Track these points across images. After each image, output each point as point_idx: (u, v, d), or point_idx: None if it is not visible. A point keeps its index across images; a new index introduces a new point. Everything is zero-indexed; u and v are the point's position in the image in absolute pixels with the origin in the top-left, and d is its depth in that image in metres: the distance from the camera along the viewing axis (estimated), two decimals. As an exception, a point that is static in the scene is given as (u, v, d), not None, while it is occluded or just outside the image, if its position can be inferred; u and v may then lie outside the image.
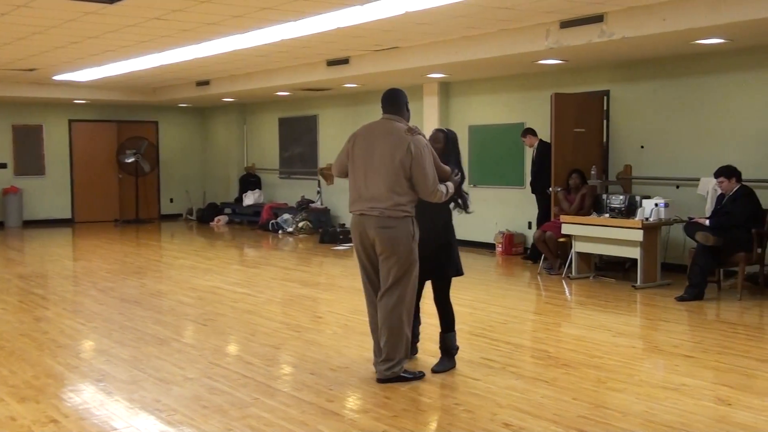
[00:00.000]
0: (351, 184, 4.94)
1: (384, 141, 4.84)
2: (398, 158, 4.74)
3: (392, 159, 4.76)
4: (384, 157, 4.78)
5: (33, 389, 4.85)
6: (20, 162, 16.36)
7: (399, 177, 4.75)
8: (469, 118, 11.99)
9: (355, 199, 4.90)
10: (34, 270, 10.48)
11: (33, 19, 7.73)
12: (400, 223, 4.78)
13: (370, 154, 4.84)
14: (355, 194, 4.89)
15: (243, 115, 17.42)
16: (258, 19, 7.77)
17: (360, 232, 4.88)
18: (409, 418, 4.29)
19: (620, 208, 8.60)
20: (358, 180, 4.88)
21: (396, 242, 4.77)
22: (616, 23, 7.51)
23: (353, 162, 4.92)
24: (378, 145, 4.84)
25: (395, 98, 5.07)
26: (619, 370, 5.20)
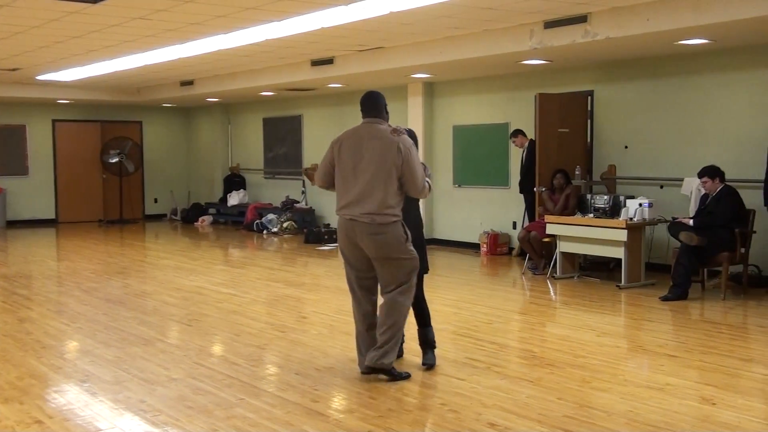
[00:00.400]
0: (339, 188, 4.93)
1: (372, 145, 4.85)
2: (390, 160, 4.79)
3: (383, 161, 4.79)
4: (374, 160, 4.81)
5: (17, 390, 4.82)
6: (3, 162, 16.24)
7: (391, 178, 4.79)
8: (453, 118, 12.02)
9: (344, 204, 4.90)
10: (17, 270, 10.40)
11: (15, 19, 7.67)
12: (391, 228, 4.81)
13: (358, 158, 4.85)
14: (344, 199, 4.90)
15: (227, 115, 17.37)
16: (242, 19, 7.75)
17: (348, 235, 4.89)
18: (395, 418, 4.29)
19: (604, 208, 8.64)
20: (348, 184, 4.88)
21: (389, 248, 4.82)
22: (600, 23, 7.55)
23: (340, 167, 4.92)
24: (366, 149, 4.85)
25: (375, 101, 5.09)
26: (603, 370, 5.23)
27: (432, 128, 12.31)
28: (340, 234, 4.96)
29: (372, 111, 5.05)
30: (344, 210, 4.90)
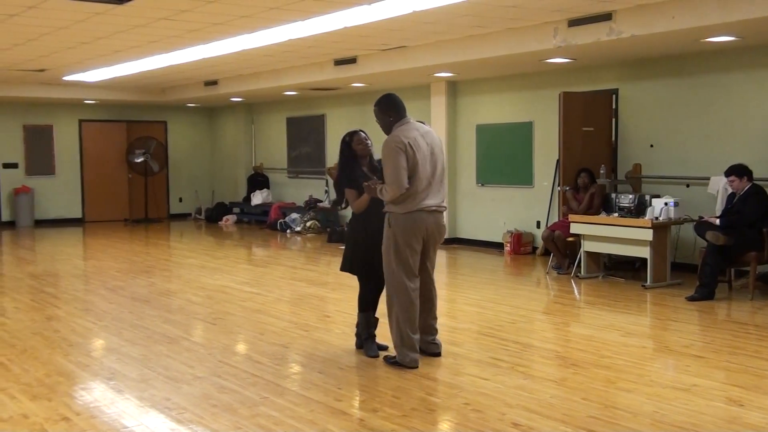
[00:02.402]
0: (419, 183, 5.18)
1: (428, 140, 5.28)
2: (441, 154, 5.36)
3: (440, 156, 5.34)
4: (435, 154, 5.29)
5: (45, 387, 4.88)
6: (31, 162, 16.45)
7: (443, 171, 5.39)
8: (476, 117, 11.98)
9: (427, 196, 5.23)
10: (45, 269, 10.54)
11: (43, 20, 7.77)
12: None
13: (427, 153, 5.23)
14: (425, 192, 5.22)
15: (251, 114, 17.45)
16: (265, 19, 7.78)
17: (428, 227, 5.27)
18: (418, 417, 4.29)
19: (629, 207, 8.57)
20: (428, 178, 5.23)
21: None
22: (625, 21, 7.49)
23: (418, 165, 5.17)
24: (430, 146, 5.27)
25: (402, 102, 5.44)
26: (628, 370, 5.19)
27: (455, 127, 12.28)
28: (419, 227, 5.22)
29: (405, 111, 5.37)
30: (429, 201, 5.23)
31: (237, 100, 16.25)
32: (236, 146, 17.69)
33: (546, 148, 10.81)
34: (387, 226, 5.25)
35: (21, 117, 16.29)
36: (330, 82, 12.03)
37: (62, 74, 12.64)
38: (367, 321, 5.60)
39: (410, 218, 5.20)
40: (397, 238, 5.22)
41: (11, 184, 16.18)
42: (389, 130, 5.31)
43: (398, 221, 5.21)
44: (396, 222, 5.22)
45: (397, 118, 5.29)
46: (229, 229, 15.80)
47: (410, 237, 5.21)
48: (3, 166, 16.15)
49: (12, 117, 16.19)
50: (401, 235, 5.21)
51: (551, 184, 10.68)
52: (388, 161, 5.13)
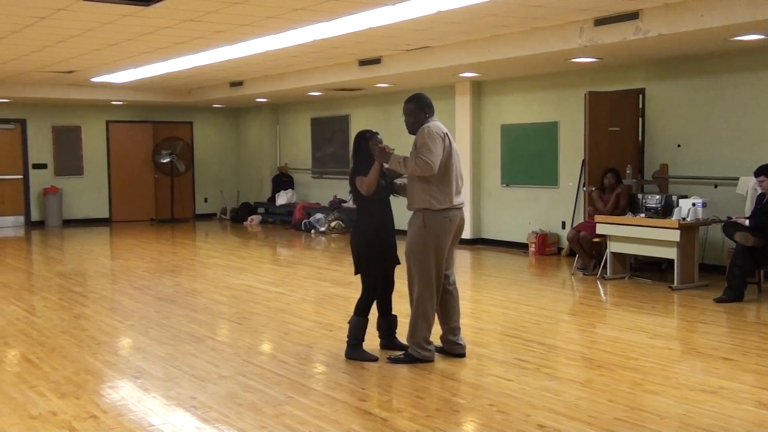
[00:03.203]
0: (453, 179, 5.27)
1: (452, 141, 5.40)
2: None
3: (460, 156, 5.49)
4: (457, 154, 5.41)
5: (73, 385, 4.94)
6: (60, 162, 16.65)
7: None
8: (501, 117, 11.94)
9: (455, 193, 5.31)
10: (73, 268, 10.66)
11: (71, 23, 7.86)
12: None
13: (455, 150, 5.34)
14: (454, 189, 5.31)
15: (276, 115, 17.53)
16: (290, 20, 7.81)
17: (458, 224, 5.36)
18: (442, 418, 4.28)
19: (656, 207, 8.49)
20: (457, 175, 5.33)
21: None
22: (652, 20, 7.42)
23: (452, 160, 5.28)
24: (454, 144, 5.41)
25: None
26: (655, 372, 5.14)
27: (480, 127, 12.24)
28: (451, 226, 5.28)
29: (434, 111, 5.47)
30: (459, 198, 5.35)
31: (262, 101, 16.33)
32: (261, 147, 17.78)
33: (571, 148, 10.75)
34: (421, 225, 5.24)
35: (50, 118, 16.50)
36: (354, 82, 12.04)
37: (90, 76, 12.79)
38: (363, 326, 5.50)
39: (446, 216, 5.26)
40: (434, 236, 5.23)
41: (40, 185, 16.40)
42: (416, 129, 5.34)
43: (435, 219, 5.23)
44: (433, 220, 5.23)
45: (430, 116, 5.38)
46: (253, 229, 15.88)
47: (446, 235, 5.28)
48: (32, 166, 16.37)
49: (41, 118, 16.41)
50: (438, 233, 5.24)
51: (576, 184, 10.61)
52: (426, 141, 5.18)
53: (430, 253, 5.24)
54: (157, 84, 14.22)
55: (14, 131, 16.28)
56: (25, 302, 7.95)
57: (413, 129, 5.39)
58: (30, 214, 16.39)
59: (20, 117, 16.24)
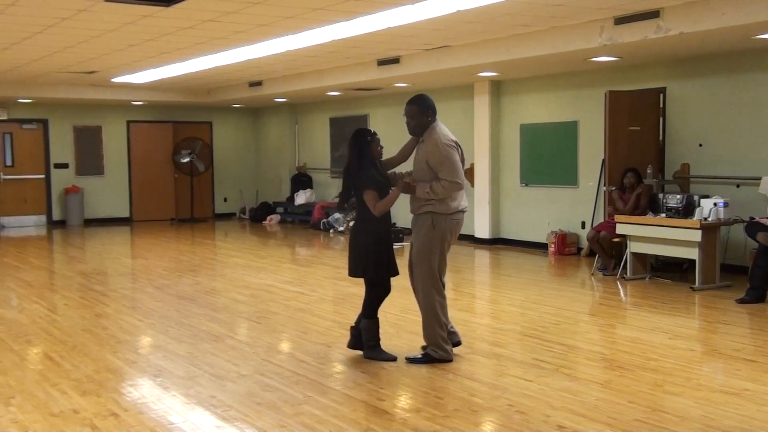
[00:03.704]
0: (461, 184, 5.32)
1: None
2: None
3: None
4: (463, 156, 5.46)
5: (94, 383, 4.98)
6: (81, 162, 16.80)
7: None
8: (520, 116, 11.90)
9: (463, 197, 5.44)
10: (94, 267, 10.75)
11: (93, 23, 7.93)
12: None
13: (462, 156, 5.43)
14: (464, 193, 5.43)
15: (294, 115, 17.57)
16: (309, 20, 7.83)
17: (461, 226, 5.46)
18: (461, 418, 4.27)
19: (677, 207, 8.42)
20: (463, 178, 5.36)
21: None
22: (673, 18, 7.36)
23: (462, 166, 5.37)
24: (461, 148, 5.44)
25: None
26: (676, 374, 5.10)
27: (499, 127, 12.21)
28: (454, 227, 5.35)
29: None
30: (464, 202, 5.44)
31: (281, 101, 16.38)
32: (280, 146, 17.84)
33: (591, 148, 10.69)
34: (430, 227, 5.25)
35: (71, 118, 16.65)
36: (373, 82, 12.05)
37: (111, 76, 12.89)
38: (376, 327, 5.48)
39: (454, 219, 5.32)
40: (441, 238, 5.29)
41: (62, 184, 16.55)
42: (422, 130, 5.33)
43: (445, 222, 5.28)
44: (443, 223, 5.28)
45: (434, 119, 5.37)
46: (272, 229, 15.93)
47: (452, 236, 5.36)
48: (54, 166, 16.53)
49: (63, 118, 16.56)
50: (445, 235, 5.30)
51: (596, 184, 10.55)
52: (446, 158, 5.21)
53: (437, 254, 5.30)
54: (177, 84, 14.31)
55: (36, 131, 16.45)
56: (47, 301, 8.03)
57: (416, 131, 5.39)
58: (52, 213, 16.55)
59: (42, 117, 16.40)
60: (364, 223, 5.42)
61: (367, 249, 5.34)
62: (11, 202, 16.25)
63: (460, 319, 6.87)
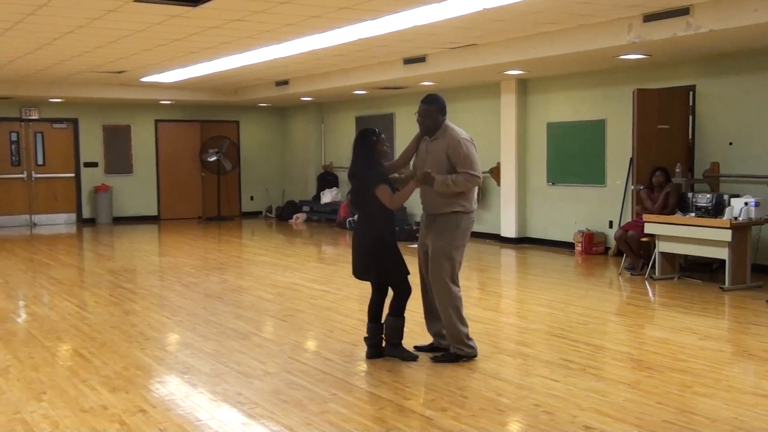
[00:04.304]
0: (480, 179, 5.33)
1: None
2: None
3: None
4: None
5: (123, 380, 5.04)
6: (110, 161, 16.99)
7: None
8: (547, 115, 11.82)
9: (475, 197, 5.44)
10: (123, 265, 10.87)
11: (122, 23, 8.01)
12: None
13: None
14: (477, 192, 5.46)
15: (321, 113, 17.62)
16: (336, 19, 7.84)
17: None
18: (487, 418, 4.26)
19: (707, 207, 8.33)
20: None
21: None
22: (703, 15, 7.27)
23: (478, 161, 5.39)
24: None
25: None
26: (706, 375, 5.05)
27: (525, 126, 12.15)
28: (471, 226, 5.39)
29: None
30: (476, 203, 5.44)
31: (307, 100, 16.43)
32: (306, 145, 17.89)
33: (619, 147, 10.59)
34: (455, 227, 5.27)
35: (101, 118, 16.84)
36: (399, 80, 12.04)
37: (140, 76, 13.02)
38: (402, 325, 5.42)
39: (471, 218, 5.40)
40: (463, 237, 5.34)
41: (91, 183, 16.75)
42: (436, 129, 5.34)
43: (465, 222, 5.35)
44: (467, 222, 5.35)
45: (445, 119, 5.40)
46: (299, 227, 15.99)
47: (468, 236, 5.41)
48: (84, 165, 16.73)
49: (93, 118, 16.76)
50: (466, 234, 5.37)
51: (624, 183, 10.46)
52: (468, 153, 5.24)
53: (460, 253, 5.35)
54: (204, 83, 14.42)
55: (67, 130, 16.66)
56: (77, 298, 8.13)
57: (430, 131, 5.37)
58: (81, 211, 16.75)
59: (73, 116, 16.60)
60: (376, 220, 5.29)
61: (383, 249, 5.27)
62: (42, 201, 16.48)
63: (486, 319, 6.85)
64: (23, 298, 8.33)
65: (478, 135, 12.61)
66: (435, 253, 5.32)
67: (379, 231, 5.30)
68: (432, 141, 5.37)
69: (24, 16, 7.60)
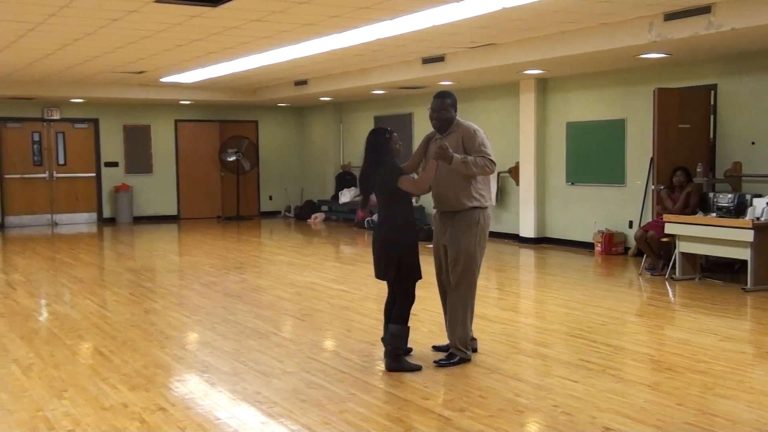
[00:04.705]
0: (489, 178, 5.34)
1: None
2: None
3: None
4: None
5: (143, 378, 5.07)
6: (130, 161, 17.11)
7: None
8: (567, 114, 11.76)
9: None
10: (143, 264, 10.95)
11: (142, 24, 8.06)
12: None
13: None
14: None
15: (339, 113, 17.65)
16: (355, 19, 7.85)
17: None
18: (505, 418, 4.24)
19: (729, 207, 8.25)
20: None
21: None
22: (725, 14, 7.20)
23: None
24: None
25: None
26: (727, 376, 5.00)
27: (544, 125, 12.09)
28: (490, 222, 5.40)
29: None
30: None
31: (326, 100, 16.46)
32: (325, 145, 17.93)
33: (639, 146, 10.52)
34: (475, 223, 5.23)
35: (121, 118, 16.97)
36: (418, 80, 12.03)
37: (159, 76, 13.10)
38: (407, 334, 5.24)
39: (488, 214, 5.37)
40: (484, 233, 5.30)
41: (112, 182, 16.88)
42: (448, 126, 5.32)
43: (486, 218, 5.33)
44: (485, 218, 5.31)
45: (456, 115, 5.38)
46: (317, 227, 16.03)
47: (487, 234, 5.38)
48: (104, 164, 16.86)
49: (113, 117, 16.88)
50: (486, 230, 5.34)
51: (644, 182, 10.39)
52: (483, 140, 5.22)
53: (481, 253, 5.31)
54: (223, 84, 14.48)
55: (88, 130, 16.80)
56: (98, 297, 8.20)
57: (443, 127, 5.32)
58: (102, 211, 16.89)
59: (93, 117, 16.74)
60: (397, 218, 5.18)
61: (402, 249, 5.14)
62: (64, 200, 16.63)
63: (505, 319, 6.83)
64: (45, 297, 8.41)
65: (497, 134, 12.60)
66: (458, 253, 5.23)
67: (399, 228, 5.17)
68: (444, 138, 5.28)
69: (46, 17, 7.67)
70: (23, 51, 9.94)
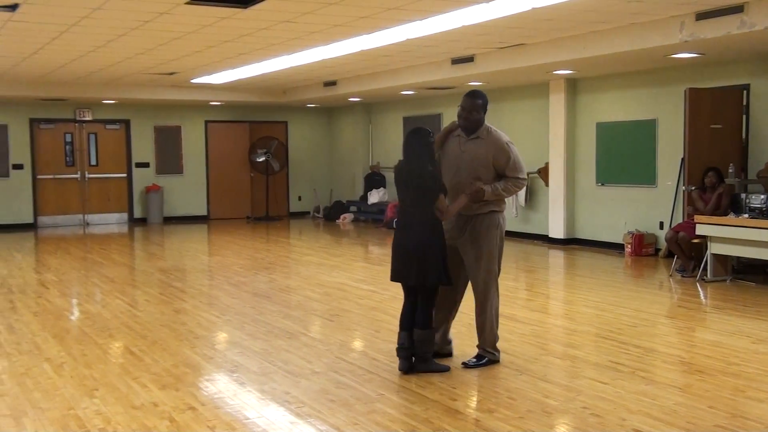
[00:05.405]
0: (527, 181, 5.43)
1: None
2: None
3: None
4: None
5: (173, 377, 5.12)
6: (161, 161, 17.29)
7: None
8: (597, 115, 11.67)
9: None
10: (173, 264, 11.06)
11: (173, 25, 8.15)
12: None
13: None
14: None
15: (368, 114, 17.67)
16: (384, 19, 7.86)
17: None
18: (534, 420, 4.23)
19: (761, 208, 8.13)
20: None
21: None
22: (758, 13, 7.10)
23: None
24: None
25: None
26: (760, 379, 4.93)
27: (574, 126, 12.01)
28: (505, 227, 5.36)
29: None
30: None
31: (355, 100, 16.50)
32: (354, 146, 17.96)
33: (670, 147, 10.41)
34: (496, 226, 5.25)
35: (152, 118, 17.15)
36: (447, 81, 12.02)
37: (190, 77, 13.23)
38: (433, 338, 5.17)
39: (505, 216, 5.39)
40: (502, 239, 5.32)
41: (143, 183, 17.07)
42: (477, 128, 5.24)
43: (503, 221, 5.35)
44: (503, 222, 5.34)
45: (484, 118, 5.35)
46: (346, 228, 16.07)
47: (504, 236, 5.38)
48: (136, 165, 17.06)
49: (144, 119, 17.08)
50: (503, 235, 5.35)
51: (675, 183, 10.28)
52: (516, 157, 5.21)
53: (499, 255, 5.33)
54: (253, 84, 14.59)
55: (119, 131, 17.01)
56: (129, 296, 8.30)
57: (472, 128, 5.21)
58: (133, 211, 17.09)
59: (125, 118, 16.94)
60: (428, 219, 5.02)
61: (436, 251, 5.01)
62: (96, 201, 16.85)
63: (534, 320, 6.80)
64: (76, 296, 8.54)
65: (527, 135, 12.54)
66: (480, 257, 5.20)
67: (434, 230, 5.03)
68: (470, 140, 5.21)
69: (78, 19, 7.79)
70: (56, 53, 10.10)
